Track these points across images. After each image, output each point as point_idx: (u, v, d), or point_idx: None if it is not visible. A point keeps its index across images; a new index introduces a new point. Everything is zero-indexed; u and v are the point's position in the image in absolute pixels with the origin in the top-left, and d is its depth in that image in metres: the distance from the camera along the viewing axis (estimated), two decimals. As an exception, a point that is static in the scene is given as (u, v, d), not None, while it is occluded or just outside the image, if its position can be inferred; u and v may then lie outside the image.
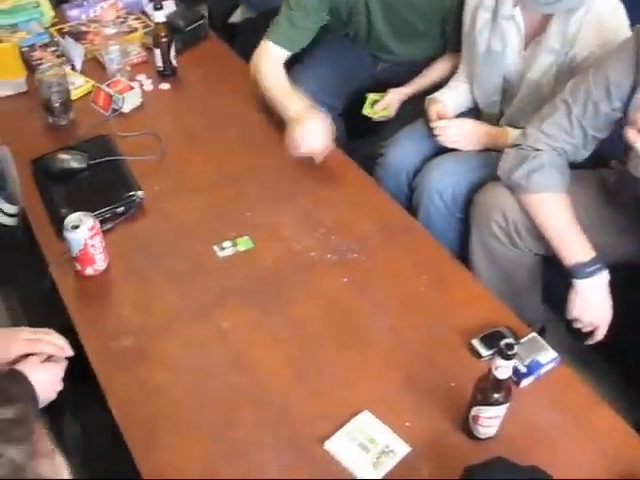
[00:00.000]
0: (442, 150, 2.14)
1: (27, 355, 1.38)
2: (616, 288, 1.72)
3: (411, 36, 2.40)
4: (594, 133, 1.73)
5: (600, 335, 1.74)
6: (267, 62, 2.22)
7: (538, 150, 1.75)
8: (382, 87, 2.42)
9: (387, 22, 2.37)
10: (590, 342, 1.76)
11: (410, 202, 2.17)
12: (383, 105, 2.36)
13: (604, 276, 1.71)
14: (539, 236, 1.80)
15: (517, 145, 1.80)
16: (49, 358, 1.39)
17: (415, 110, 2.31)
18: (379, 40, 2.45)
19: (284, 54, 2.24)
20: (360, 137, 2.56)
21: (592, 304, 1.72)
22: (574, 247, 1.72)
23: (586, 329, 1.75)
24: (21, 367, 1.33)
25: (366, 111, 2.38)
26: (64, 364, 1.41)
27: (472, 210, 1.97)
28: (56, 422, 1.10)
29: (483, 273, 1.95)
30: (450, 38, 2.34)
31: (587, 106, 1.70)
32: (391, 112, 2.37)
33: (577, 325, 1.76)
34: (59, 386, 1.38)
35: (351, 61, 2.49)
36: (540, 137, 1.76)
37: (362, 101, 2.40)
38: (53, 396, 1.37)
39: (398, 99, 2.39)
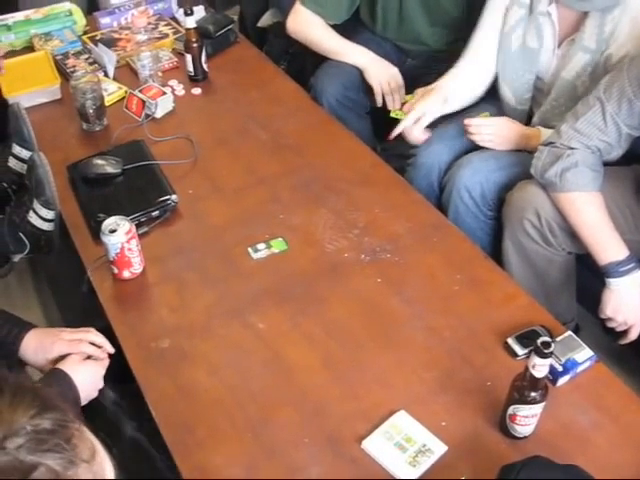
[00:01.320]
0: (473, 150, 2.13)
1: (67, 354, 1.41)
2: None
3: (441, 21, 2.40)
4: (629, 131, 1.72)
5: (634, 334, 1.73)
6: (305, 24, 2.39)
7: (572, 148, 1.75)
8: (410, 85, 2.40)
9: (418, 2, 2.37)
10: (624, 341, 1.75)
11: (440, 201, 2.17)
12: (410, 107, 2.34)
13: (638, 275, 1.70)
14: (573, 234, 1.79)
15: (551, 143, 1.80)
16: (89, 357, 1.42)
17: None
18: (410, 24, 2.44)
19: (318, 20, 2.33)
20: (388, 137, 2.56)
21: (626, 303, 1.71)
22: (608, 246, 1.71)
23: (620, 328, 1.74)
24: (63, 366, 1.36)
25: (394, 113, 2.36)
26: (106, 362, 1.44)
27: (504, 209, 1.96)
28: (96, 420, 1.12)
29: (516, 271, 1.94)
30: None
31: (621, 103, 1.69)
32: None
33: (611, 324, 1.75)
34: (100, 384, 1.41)
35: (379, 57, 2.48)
36: (574, 135, 1.75)
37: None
38: (94, 394, 1.40)
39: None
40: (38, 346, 1.43)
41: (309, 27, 2.43)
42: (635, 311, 1.71)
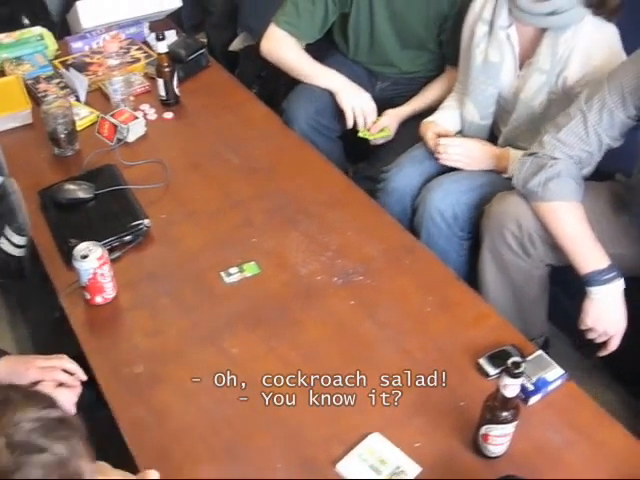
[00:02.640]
0: (444, 172, 2.16)
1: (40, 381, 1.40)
2: (626, 300, 1.72)
3: (412, 43, 2.43)
4: (609, 141, 1.76)
5: (614, 345, 1.73)
6: (278, 45, 2.43)
7: (555, 158, 1.77)
8: (380, 108, 2.43)
9: (389, 23, 2.39)
10: (602, 354, 1.76)
11: (413, 224, 2.19)
12: (378, 127, 2.38)
13: (619, 284, 1.71)
14: (553, 245, 1.81)
15: (533, 154, 1.82)
16: (62, 384, 1.41)
17: (415, 132, 2.33)
18: (381, 47, 2.47)
19: (292, 41, 2.38)
20: (359, 160, 2.59)
21: (606, 313, 1.72)
22: (589, 255, 1.73)
23: (600, 339, 1.75)
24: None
25: (362, 133, 2.39)
26: (78, 390, 1.44)
27: (483, 222, 1.97)
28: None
29: (491, 285, 1.96)
30: (447, 51, 2.37)
31: (602, 114, 1.72)
32: (390, 133, 2.39)
33: (591, 335, 1.75)
34: (72, 412, 1.39)
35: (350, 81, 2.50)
36: (557, 145, 1.78)
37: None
38: None
39: (397, 120, 2.41)
40: (11, 372, 1.42)
41: (282, 49, 2.44)
42: (616, 321, 1.72)
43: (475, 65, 2.11)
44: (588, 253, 1.73)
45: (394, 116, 2.41)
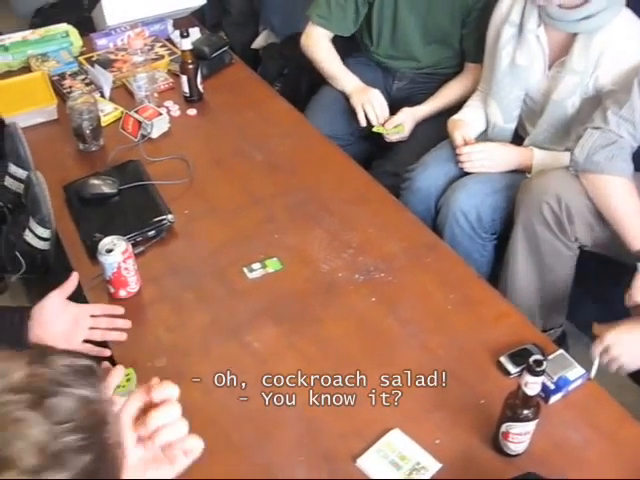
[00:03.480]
0: (469, 173, 2.16)
1: None
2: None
3: (435, 37, 2.44)
4: None
5: None
6: (313, 43, 2.52)
7: (622, 137, 1.80)
8: (397, 107, 2.44)
9: (413, 13, 2.41)
10: None
11: (435, 223, 2.19)
12: (394, 123, 2.38)
13: None
14: (591, 223, 1.83)
15: (599, 128, 1.83)
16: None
17: (434, 130, 2.34)
18: (403, 39, 2.48)
19: (327, 34, 2.46)
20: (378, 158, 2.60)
21: None
22: None
23: None
24: None
25: (376, 128, 2.40)
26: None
27: (519, 196, 1.98)
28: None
29: (519, 265, 1.97)
30: (467, 45, 2.37)
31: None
32: (405, 131, 2.39)
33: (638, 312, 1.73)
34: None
35: (366, 80, 2.53)
36: (621, 123, 1.80)
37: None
38: None
39: (413, 119, 2.41)
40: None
41: (315, 47, 2.55)
42: None
43: (501, 67, 2.10)
44: None
45: (410, 114, 2.41)
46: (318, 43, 2.54)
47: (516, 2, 2.06)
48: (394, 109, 2.44)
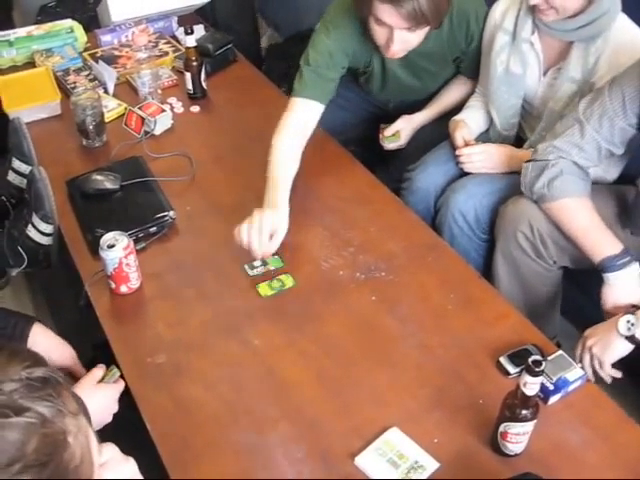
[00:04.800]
0: (468, 173, 2.16)
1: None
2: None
3: (426, 77, 2.34)
4: (608, 147, 1.76)
5: None
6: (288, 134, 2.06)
7: (548, 160, 1.79)
8: (396, 117, 2.40)
9: (403, 69, 2.29)
10: None
11: (435, 222, 2.19)
12: (391, 131, 2.35)
13: (635, 268, 1.72)
14: (565, 247, 1.82)
15: (532, 160, 1.84)
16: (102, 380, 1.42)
17: (431, 135, 2.32)
18: (394, 86, 2.37)
19: (319, 108, 2.08)
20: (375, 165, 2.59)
21: (625, 297, 1.72)
22: (602, 242, 1.74)
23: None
24: (77, 391, 1.35)
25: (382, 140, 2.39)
26: (121, 385, 1.44)
27: (498, 222, 1.99)
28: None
29: (504, 286, 1.97)
30: (464, 68, 2.32)
31: (602, 121, 1.73)
32: (401, 140, 2.35)
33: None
34: (115, 408, 1.40)
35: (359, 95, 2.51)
36: (552, 150, 1.80)
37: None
38: (109, 419, 1.39)
39: (411, 125, 2.37)
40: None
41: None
42: (636, 299, 1.71)
43: (496, 75, 2.10)
44: (601, 240, 1.74)
45: (408, 121, 2.37)
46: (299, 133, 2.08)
47: (509, 9, 2.05)
48: (393, 119, 2.40)
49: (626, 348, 1.61)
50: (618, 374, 1.68)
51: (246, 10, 3.20)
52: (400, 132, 2.36)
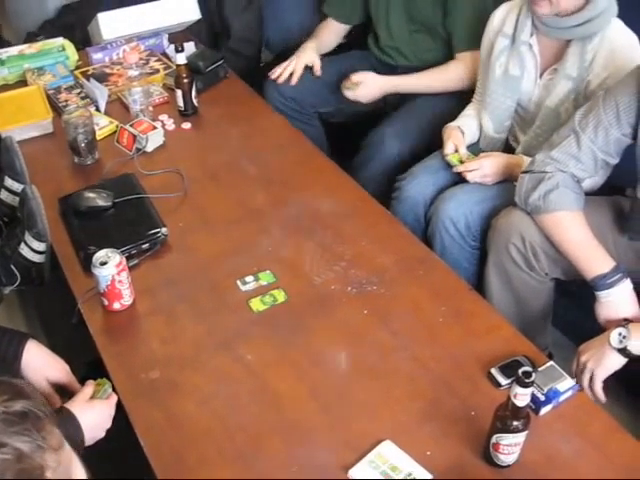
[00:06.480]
0: (457, 182, 2.18)
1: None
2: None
3: (420, 24, 2.53)
4: (604, 157, 1.78)
5: None
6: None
7: (545, 172, 1.81)
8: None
9: (402, 3, 2.53)
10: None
11: (426, 233, 2.21)
12: (355, 78, 2.50)
13: (626, 285, 1.73)
14: (556, 259, 1.83)
15: (529, 171, 1.85)
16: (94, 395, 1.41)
17: (423, 145, 2.40)
18: (395, 30, 2.59)
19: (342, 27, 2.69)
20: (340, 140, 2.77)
21: (617, 314, 1.73)
22: (593, 260, 1.75)
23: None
24: (71, 406, 1.35)
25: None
26: (114, 400, 1.44)
27: (490, 234, 2.01)
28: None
29: (496, 297, 1.98)
30: (454, 32, 2.45)
31: (598, 131, 1.75)
32: (357, 91, 2.50)
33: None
34: (108, 424, 1.40)
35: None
36: (549, 162, 1.81)
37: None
38: (101, 434, 1.39)
39: (376, 85, 2.53)
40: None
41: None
42: (630, 313, 1.72)
43: (494, 77, 2.13)
44: (592, 258, 1.75)
45: (374, 78, 2.52)
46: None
47: (510, 14, 2.09)
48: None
49: (619, 361, 1.62)
50: (602, 399, 1.67)
51: (256, 34, 3.24)
52: (360, 84, 2.49)
